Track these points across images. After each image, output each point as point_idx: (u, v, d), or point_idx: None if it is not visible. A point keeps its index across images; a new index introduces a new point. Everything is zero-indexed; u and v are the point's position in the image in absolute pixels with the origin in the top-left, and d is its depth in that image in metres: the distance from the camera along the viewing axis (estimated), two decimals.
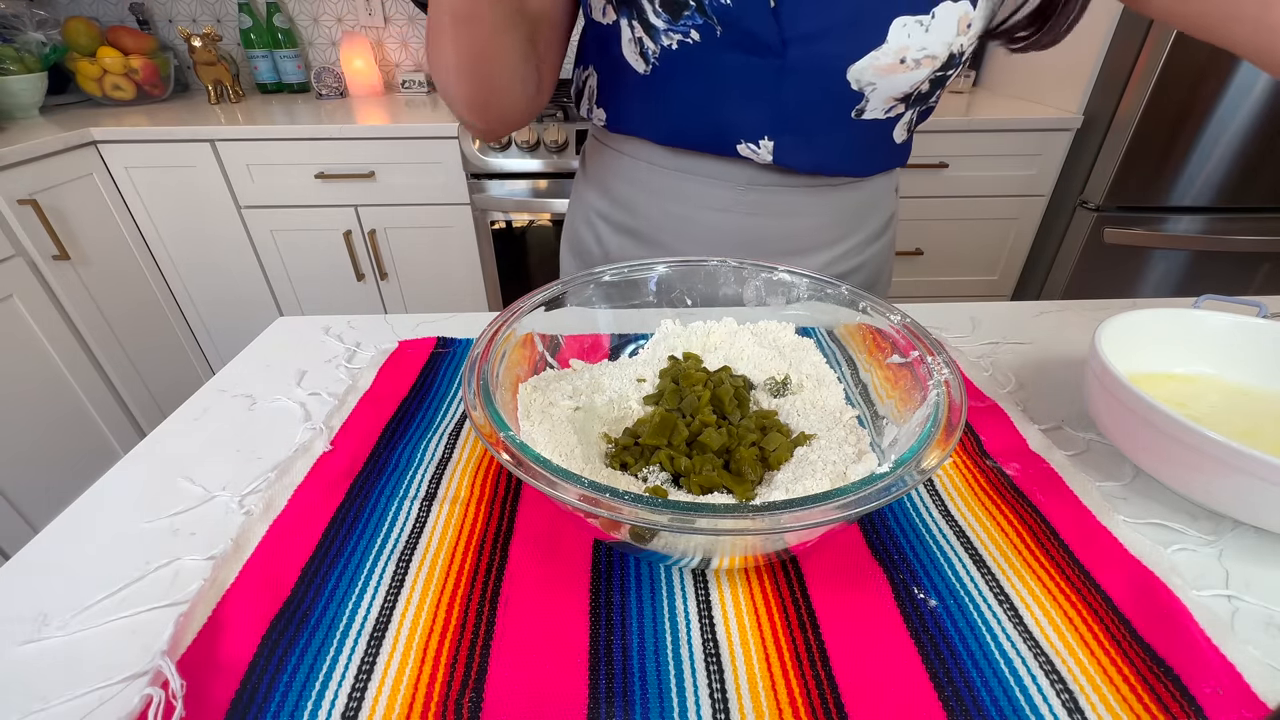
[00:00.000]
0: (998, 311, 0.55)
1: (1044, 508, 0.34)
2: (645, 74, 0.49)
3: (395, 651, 0.27)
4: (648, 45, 0.46)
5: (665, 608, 0.29)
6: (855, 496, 0.24)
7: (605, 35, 0.49)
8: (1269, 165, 1.30)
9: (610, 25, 0.48)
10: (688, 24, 0.44)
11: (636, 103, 0.52)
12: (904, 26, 0.43)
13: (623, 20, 0.46)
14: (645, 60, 0.47)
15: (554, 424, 0.35)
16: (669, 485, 0.33)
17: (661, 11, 0.44)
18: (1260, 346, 0.39)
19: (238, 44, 1.68)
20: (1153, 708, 0.24)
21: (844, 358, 0.41)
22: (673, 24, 0.44)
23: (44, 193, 1.19)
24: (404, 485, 0.36)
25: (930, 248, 1.56)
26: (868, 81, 0.45)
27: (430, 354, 0.49)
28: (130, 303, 1.41)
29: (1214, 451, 0.29)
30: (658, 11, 0.44)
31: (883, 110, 0.48)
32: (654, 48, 0.46)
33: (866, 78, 0.45)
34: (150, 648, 0.27)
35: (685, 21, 0.44)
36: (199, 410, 0.43)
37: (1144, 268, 1.48)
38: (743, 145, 0.50)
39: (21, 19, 1.39)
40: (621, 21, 0.46)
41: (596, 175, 0.62)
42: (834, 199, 0.56)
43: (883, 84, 0.46)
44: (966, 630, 0.28)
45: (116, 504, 0.35)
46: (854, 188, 0.57)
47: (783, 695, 0.25)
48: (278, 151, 1.35)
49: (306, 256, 1.49)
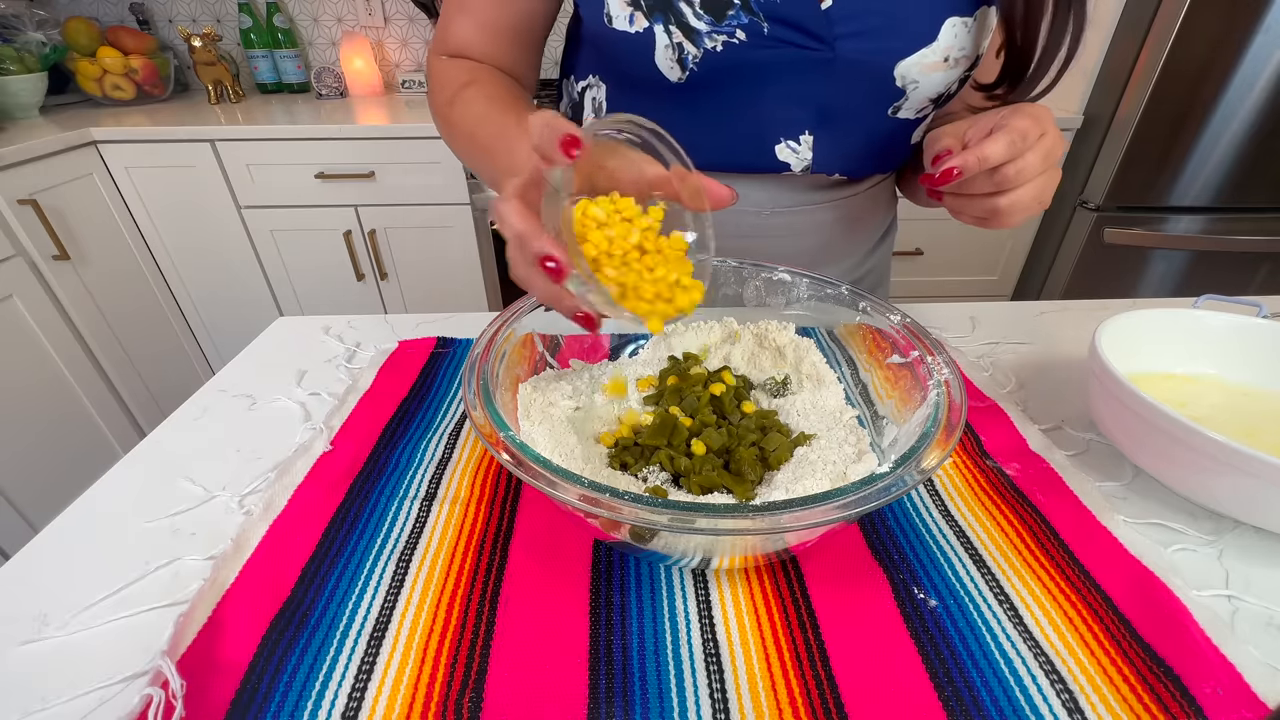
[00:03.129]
0: (998, 311, 0.55)
1: (1044, 508, 0.34)
2: (679, 82, 0.47)
3: (395, 651, 0.27)
4: (687, 50, 0.44)
5: (665, 608, 0.29)
6: (855, 496, 0.24)
7: (628, 45, 0.46)
8: (1269, 165, 1.30)
9: (639, 34, 0.45)
10: (733, 24, 0.43)
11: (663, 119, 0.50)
12: (953, 26, 0.43)
13: (656, 27, 0.44)
14: (682, 67, 0.46)
15: (554, 424, 0.35)
16: (669, 485, 0.33)
17: (704, 14, 0.43)
18: (1260, 346, 0.39)
19: (238, 44, 1.68)
20: (1153, 708, 0.24)
21: (844, 358, 0.41)
22: (716, 25, 0.43)
23: (44, 193, 1.19)
24: (404, 485, 0.36)
25: (930, 248, 1.56)
26: (912, 80, 0.46)
27: (430, 354, 0.49)
28: (130, 303, 1.41)
29: (1214, 451, 0.29)
30: (699, 14, 0.43)
31: (915, 110, 0.48)
32: (695, 52, 0.44)
33: (912, 75, 0.45)
34: (150, 648, 0.27)
35: (730, 22, 0.43)
36: (199, 410, 0.43)
37: (1144, 268, 1.48)
38: (782, 145, 0.49)
39: (21, 19, 1.39)
40: (656, 29, 0.44)
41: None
42: (846, 210, 0.56)
43: (925, 82, 0.46)
44: (966, 630, 0.28)
45: (116, 504, 0.35)
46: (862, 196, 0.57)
47: (783, 695, 0.25)
48: (278, 151, 1.35)
49: (306, 256, 1.49)
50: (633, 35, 0.45)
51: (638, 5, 0.44)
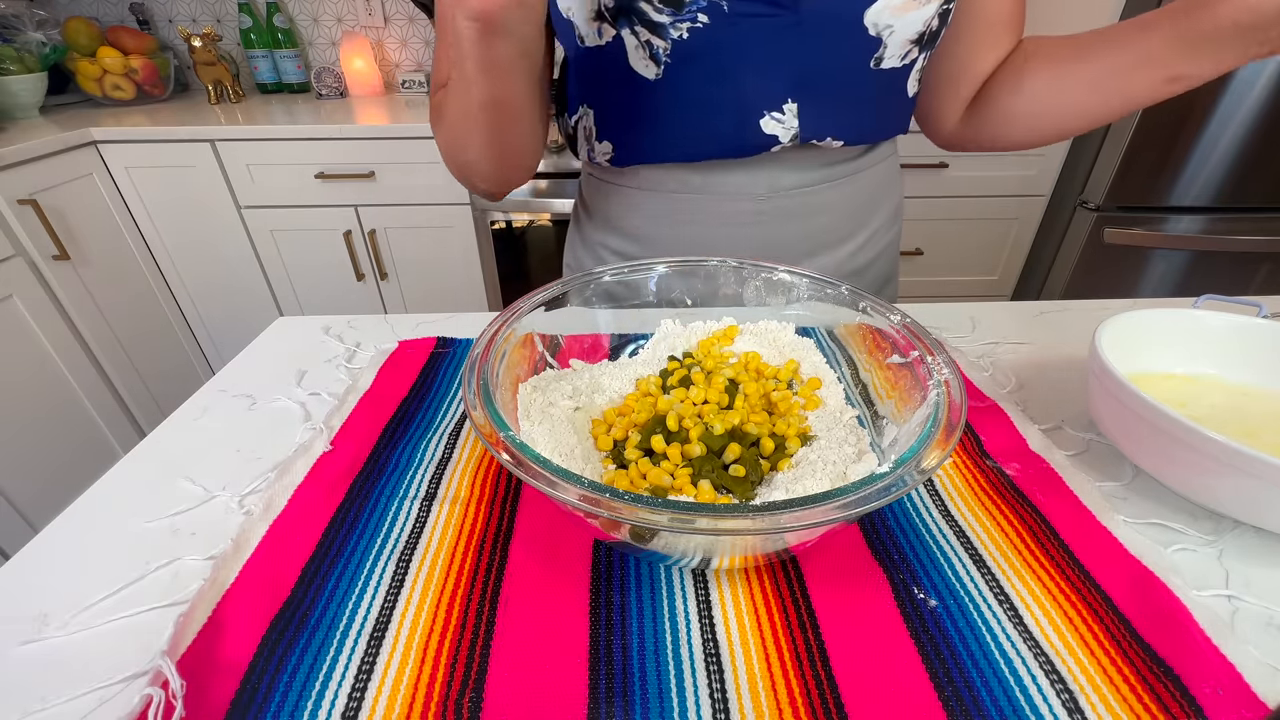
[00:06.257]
0: (998, 311, 0.55)
1: (1044, 508, 0.34)
2: (657, 78, 0.48)
3: (395, 651, 0.27)
4: (656, 45, 0.46)
5: (665, 608, 0.29)
6: (855, 496, 0.24)
7: (602, 59, 0.48)
8: (1269, 165, 1.30)
9: (608, 45, 0.47)
10: (693, 9, 0.44)
11: (649, 118, 0.51)
12: None
13: (623, 31, 0.46)
14: (656, 62, 0.47)
15: (554, 424, 0.35)
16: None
17: (664, 7, 0.44)
18: (1260, 346, 0.39)
19: (238, 44, 1.68)
20: (1153, 708, 0.24)
21: (844, 358, 0.41)
22: (678, 14, 0.44)
23: (44, 193, 1.19)
24: (404, 485, 0.36)
25: (930, 248, 1.56)
26: (885, 24, 0.45)
27: (430, 354, 0.49)
28: (130, 303, 1.41)
29: (1214, 452, 0.29)
30: (659, 8, 0.44)
31: (899, 57, 0.48)
32: (664, 45, 0.46)
33: (884, 20, 0.45)
34: (150, 648, 0.27)
35: (690, 8, 0.44)
36: (199, 410, 0.43)
37: (1144, 268, 1.48)
38: (767, 118, 0.49)
39: (21, 19, 1.39)
40: (623, 34, 0.46)
41: (604, 214, 0.61)
42: (848, 189, 0.56)
43: (900, 24, 0.46)
44: (966, 630, 0.28)
45: (116, 504, 0.35)
46: (864, 174, 0.57)
47: (783, 695, 0.25)
48: (278, 151, 1.35)
49: (306, 256, 1.49)
50: (605, 47, 0.47)
51: (602, 17, 0.46)
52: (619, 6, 0.45)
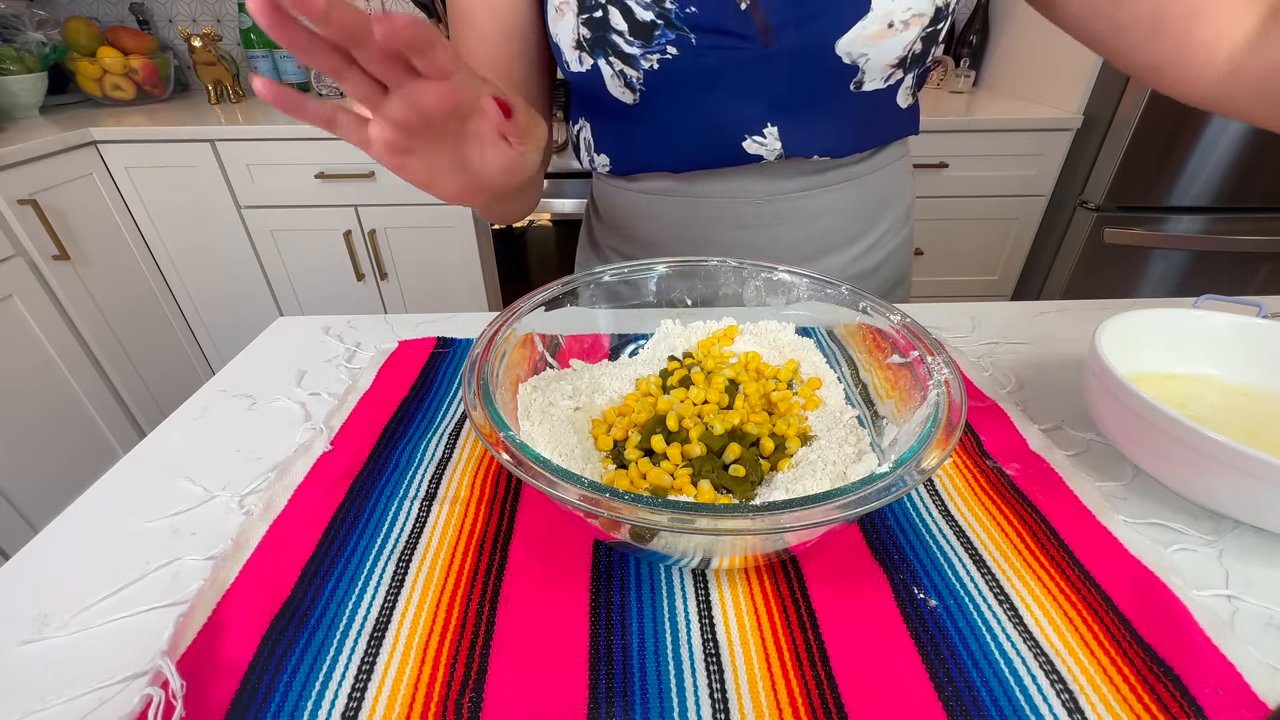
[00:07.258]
0: (998, 311, 0.55)
1: (1044, 508, 0.34)
2: (635, 104, 0.49)
3: (395, 651, 0.27)
4: (630, 74, 0.47)
5: (665, 608, 0.29)
6: (855, 496, 0.24)
7: (587, 82, 0.49)
8: (1269, 165, 1.30)
9: (589, 71, 0.48)
10: (661, 42, 0.45)
11: (636, 136, 0.52)
12: None
13: (599, 61, 0.47)
14: (632, 90, 0.48)
15: (554, 424, 0.35)
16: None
17: (634, 40, 0.45)
18: (1260, 346, 0.39)
19: (238, 44, 1.68)
20: (1153, 708, 0.24)
21: (844, 358, 0.41)
22: (647, 47, 0.45)
23: (44, 193, 1.19)
24: (404, 485, 0.36)
25: (930, 248, 1.56)
26: (859, 53, 0.45)
27: (430, 354, 0.49)
28: (130, 303, 1.41)
29: (1215, 452, 0.29)
30: (630, 40, 0.45)
31: (882, 79, 0.48)
32: (636, 75, 0.47)
33: (857, 49, 0.45)
34: (150, 648, 0.27)
35: (659, 40, 0.45)
36: (199, 410, 0.43)
37: (1144, 268, 1.48)
38: (749, 141, 0.50)
39: (21, 19, 1.38)
40: (599, 63, 0.47)
41: (613, 219, 0.61)
42: (853, 192, 0.56)
43: (874, 53, 0.45)
44: (966, 630, 0.28)
45: (116, 504, 0.35)
46: (871, 175, 0.56)
47: (783, 695, 0.25)
48: (278, 151, 1.35)
49: (306, 256, 1.49)
50: (585, 73, 0.48)
51: (581, 47, 0.47)
52: (595, 38, 0.46)
